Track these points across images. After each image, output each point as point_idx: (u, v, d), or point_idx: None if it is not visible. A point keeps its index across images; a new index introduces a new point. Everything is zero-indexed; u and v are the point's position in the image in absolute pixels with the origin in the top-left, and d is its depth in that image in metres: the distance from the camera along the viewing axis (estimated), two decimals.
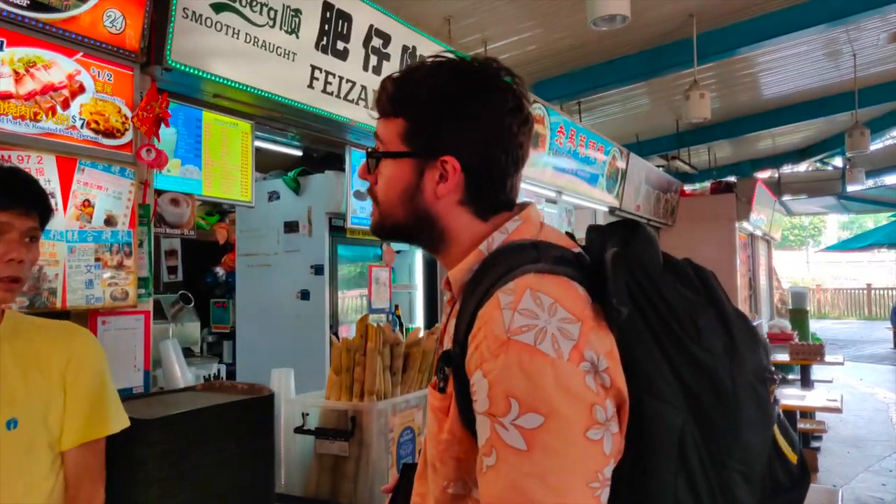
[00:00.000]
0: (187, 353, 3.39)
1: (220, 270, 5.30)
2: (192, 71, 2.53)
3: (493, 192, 0.99)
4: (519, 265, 0.88)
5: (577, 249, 0.96)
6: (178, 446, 1.70)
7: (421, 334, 2.33)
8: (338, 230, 3.90)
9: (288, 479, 2.26)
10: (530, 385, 0.78)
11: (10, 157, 2.01)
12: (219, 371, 3.32)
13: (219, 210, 5.29)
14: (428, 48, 3.80)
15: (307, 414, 2.17)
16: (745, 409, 0.87)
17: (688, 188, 10.12)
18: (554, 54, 6.53)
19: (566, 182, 5.66)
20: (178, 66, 2.46)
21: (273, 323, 4.06)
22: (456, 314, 0.93)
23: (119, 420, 1.53)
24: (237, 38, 2.67)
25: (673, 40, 6.32)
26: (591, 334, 0.82)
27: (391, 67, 3.55)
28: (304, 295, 3.91)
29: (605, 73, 6.81)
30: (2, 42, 1.98)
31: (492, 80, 0.98)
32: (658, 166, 9.44)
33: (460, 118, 0.96)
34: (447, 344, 0.96)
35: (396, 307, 4.51)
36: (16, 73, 2.01)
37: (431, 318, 4.77)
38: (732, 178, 10.54)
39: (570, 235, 1.02)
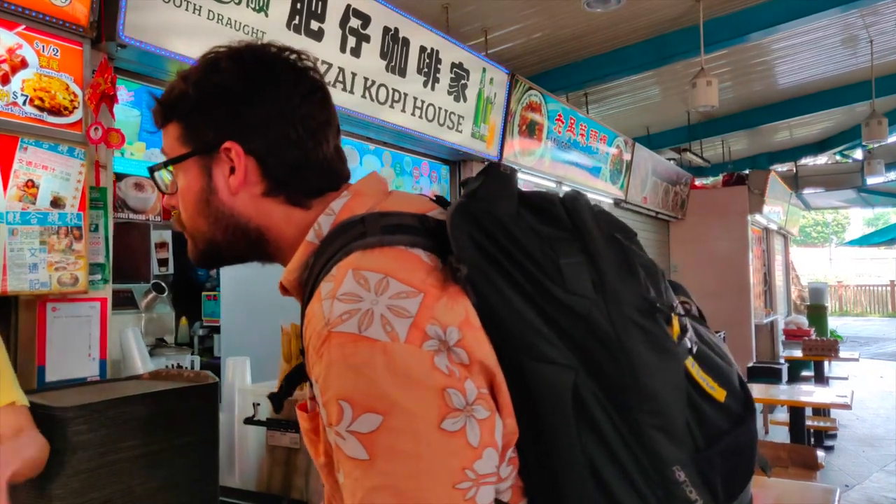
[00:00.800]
0: (160, 343, 3.30)
1: None
2: (150, 49, 2.43)
3: (298, 175, 0.88)
4: (343, 246, 0.77)
5: (433, 212, 0.83)
6: (101, 436, 1.59)
7: None
8: None
9: (242, 473, 2.15)
10: (359, 380, 0.67)
11: None
12: (192, 363, 3.23)
13: None
14: (412, 30, 3.68)
15: (258, 404, 2.05)
16: (633, 353, 0.74)
17: (701, 182, 9.88)
18: (557, 43, 6.37)
19: (566, 172, 5.51)
20: (133, 42, 2.36)
21: (258, 314, 3.96)
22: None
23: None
24: (199, 14, 2.56)
25: (679, 27, 6.14)
26: (436, 306, 0.70)
27: (371, 49, 3.43)
28: None
29: (610, 63, 6.63)
30: None
31: (260, 58, 0.90)
32: (669, 159, 9.24)
33: (231, 102, 0.87)
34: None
35: None
36: None
37: None
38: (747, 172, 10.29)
39: (442, 200, 0.89)
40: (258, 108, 0.87)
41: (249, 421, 2.03)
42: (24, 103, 2.09)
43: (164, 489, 1.73)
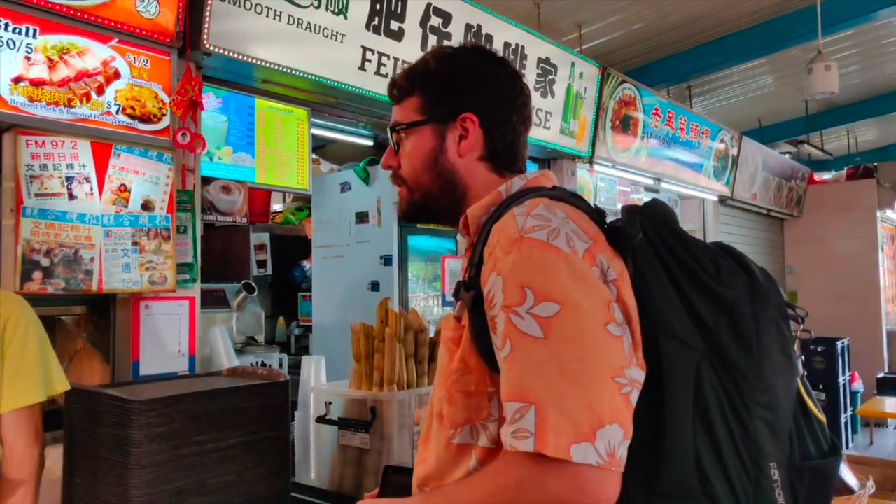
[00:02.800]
0: (250, 341, 3.42)
1: (307, 264, 5.37)
2: (233, 56, 2.51)
3: (508, 149, 1.08)
4: (534, 194, 0.95)
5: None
6: (174, 430, 1.64)
7: None
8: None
9: (317, 471, 2.16)
10: (544, 275, 0.81)
11: (43, 142, 2.06)
12: (280, 361, 3.32)
13: (309, 205, 5.38)
14: (494, 26, 3.61)
15: (330, 403, 2.06)
16: (768, 349, 0.86)
17: (823, 176, 9.11)
18: (658, 34, 6.08)
19: (665, 169, 5.24)
20: (217, 50, 2.44)
21: (348, 314, 4.02)
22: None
23: (48, 388, 1.51)
24: (279, 20, 2.62)
25: (792, 10, 5.68)
26: (601, 253, 0.86)
27: None
28: (375, 286, 3.84)
29: (715, 52, 6.24)
30: (35, 30, 2.03)
31: (492, 54, 1.12)
32: (784, 153, 8.60)
33: (473, 80, 1.07)
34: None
35: None
36: (49, 60, 2.06)
37: None
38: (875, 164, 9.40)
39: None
40: (494, 91, 1.07)
41: (321, 420, 2.04)
42: (118, 112, 2.21)
43: (235, 483, 1.76)
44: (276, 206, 5.88)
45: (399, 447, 1.95)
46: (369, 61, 3.00)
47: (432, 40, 3.26)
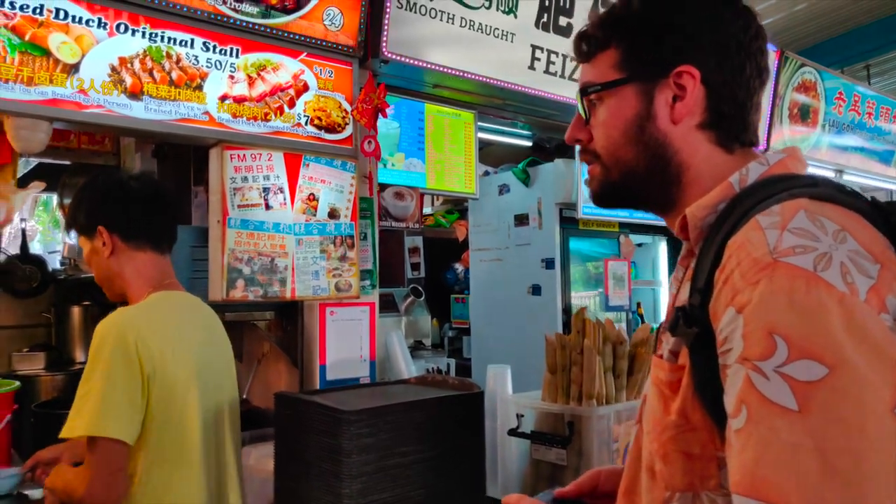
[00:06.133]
0: (419, 345, 3.44)
1: (459, 267, 5.39)
2: (409, 62, 2.52)
3: (738, 112, 0.84)
4: (786, 190, 0.71)
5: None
6: (380, 441, 1.63)
7: (650, 332, 2.01)
8: (569, 222, 3.68)
9: (504, 483, 2.10)
10: (806, 321, 0.59)
11: (244, 155, 2.16)
12: (448, 366, 3.31)
13: (458, 208, 5.39)
14: None
15: (522, 415, 1.99)
16: None
17: None
18: (829, 11, 5.54)
19: (848, 160, 4.73)
20: (395, 57, 2.46)
21: (506, 318, 3.97)
22: (692, 270, 0.75)
23: (72, 427, 1.43)
24: (452, 23, 2.60)
25: None
26: (894, 283, 0.61)
27: None
28: (536, 290, 3.75)
29: None
30: (237, 49, 2.12)
31: None
32: None
33: (691, 23, 0.83)
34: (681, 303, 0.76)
35: (638, 305, 4.13)
36: (249, 77, 2.15)
37: None
38: None
39: None
40: (719, 33, 0.82)
41: (513, 432, 1.98)
42: (306, 123, 2.27)
43: (435, 496, 1.73)
44: (426, 209, 5.96)
45: (598, 465, 1.84)
46: (538, 60, 2.91)
47: None
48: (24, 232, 4.35)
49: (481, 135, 3.52)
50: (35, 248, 5.68)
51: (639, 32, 0.85)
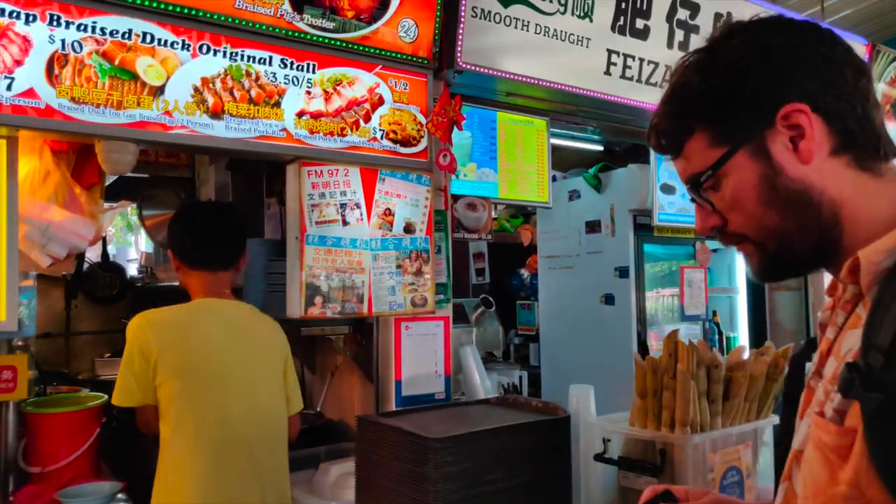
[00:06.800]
0: (489, 357, 3.39)
1: (524, 272, 5.31)
2: (483, 71, 2.46)
3: (866, 121, 0.78)
4: None
5: None
6: (465, 468, 1.59)
7: (745, 354, 1.90)
8: (643, 228, 3.55)
9: None
10: None
11: (321, 171, 2.15)
12: (521, 379, 3.25)
13: (523, 212, 5.31)
14: (744, 11, 3.23)
15: (608, 440, 1.91)
16: None
17: None
18: None
19: None
20: (469, 67, 2.41)
21: (577, 328, 3.88)
22: (865, 316, 0.67)
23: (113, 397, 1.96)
24: (527, 30, 2.53)
25: None
26: None
27: (699, 41, 3.08)
28: (609, 299, 3.64)
29: None
30: (314, 65, 2.11)
31: (766, 20, 0.83)
32: None
33: (774, 61, 0.78)
34: (843, 356, 0.71)
35: (714, 313, 3.97)
36: (325, 92, 2.13)
37: (757, 328, 4.09)
38: None
39: None
40: (801, 57, 0.78)
41: (600, 458, 1.90)
42: (382, 137, 2.25)
43: None
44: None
45: None
46: (614, 65, 2.81)
47: (679, 36, 2.99)
48: (104, 241, 4.51)
49: (552, 140, 3.44)
50: (109, 249, 5.91)
51: (718, 104, 0.81)
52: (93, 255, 4.54)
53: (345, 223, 2.18)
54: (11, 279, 1.79)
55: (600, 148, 3.83)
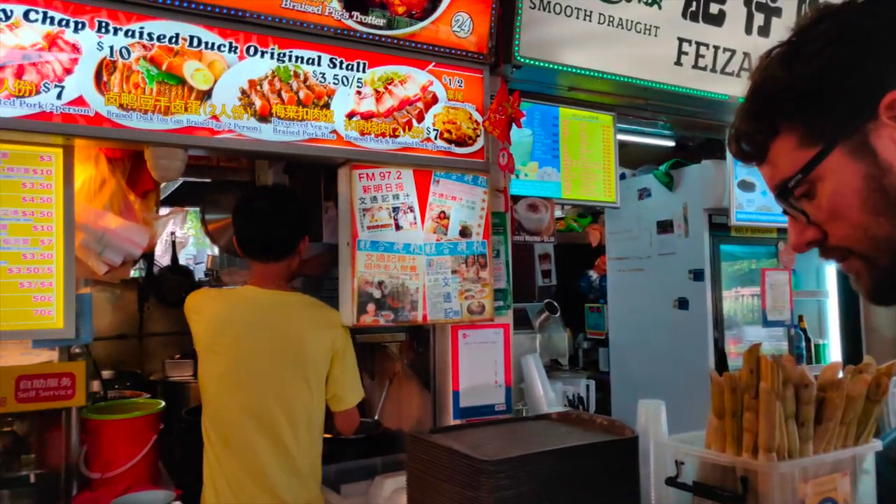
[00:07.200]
0: (555, 365, 3.25)
1: (593, 274, 5.12)
2: (543, 65, 2.33)
3: None
4: None
5: None
6: (522, 493, 1.47)
7: (840, 372, 1.69)
8: (719, 228, 3.32)
9: None
10: None
11: (373, 174, 2.07)
12: (587, 388, 3.09)
13: (591, 211, 5.12)
14: None
15: (682, 463, 1.74)
16: None
17: None
18: None
19: None
20: (528, 61, 2.28)
21: (648, 333, 3.68)
22: None
23: None
24: (590, 20, 2.38)
25: None
26: None
27: (781, 26, 2.84)
28: (682, 304, 3.43)
29: None
30: (364, 64, 2.04)
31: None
32: None
33: (856, 41, 0.68)
34: None
35: (800, 319, 3.67)
36: (376, 92, 2.05)
37: (849, 335, 3.76)
38: None
39: None
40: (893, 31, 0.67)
41: (672, 483, 1.73)
42: (436, 137, 2.15)
43: None
44: (557, 213, 5.73)
45: None
46: (685, 54, 2.62)
47: (758, 20, 2.76)
48: (174, 244, 4.62)
49: (619, 136, 3.26)
50: (189, 251, 6.11)
51: (808, 98, 0.70)
52: (164, 258, 4.67)
53: (398, 227, 2.10)
54: (69, 287, 1.80)
55: (672, 143, 3.61)
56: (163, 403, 2.28)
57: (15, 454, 2.14)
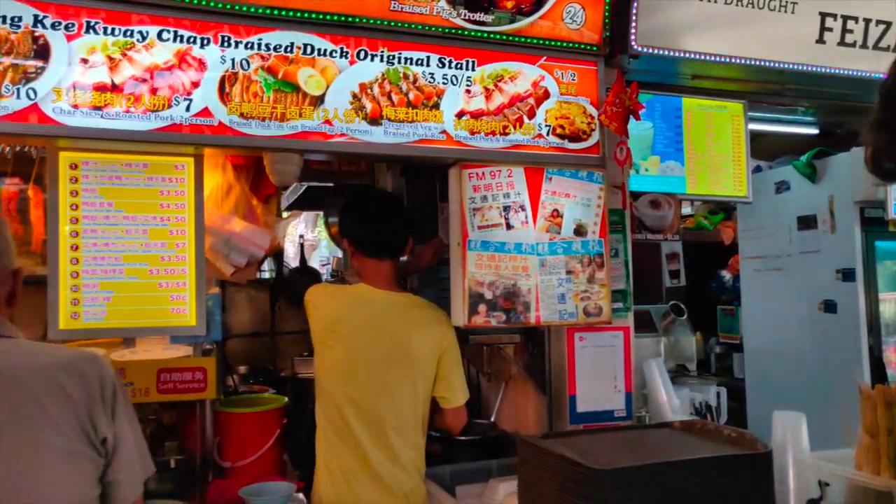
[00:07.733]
0: (681, 370, 3.06)
1: (726, 274, 4.79)
2: (662, 53, 2.20)
3: None
4: None
5: None
6: None
7: None
8: (873, 223, 2.98)
9: None
10: None
11: (483, 173, 2.04)
12: (718, 396, 2.87)
13: (723, 207, 4.80)
14: None
15: (827, 484, 1.57)
16: None
17: None
18: None
19: None
20: (645, 50, 2.16)
21: (788, 339, 3.38)
22: None
23: None
24: (714, 1, 2.21)
25: None
26: None
27: None
28: (829, 307, 3.11)
29: None
30: (473, 62, 2.02)
31: None
32: None
33: None
34: None
35: None
36: (486, 89, 2.03)
37: None
38: None
39: None
40: None
41: None
42: (548, 134, 2.09)
43: None
44: (685, 209, 5.43)
45: None
46: (829, 30, 2.37)
47: None
48: (301, 247, 4.86)
49: (753, 125, 3.02)
50: (322, 253, 6.39)
51: None
52: (293, 260, 4.92)
53: (508, 227, 2.05)
54: (200, 287, 1.91)
55: (814, 131, 3.30)
56: (286, 399, 2.38)
57: (160, 440, 2.32)
